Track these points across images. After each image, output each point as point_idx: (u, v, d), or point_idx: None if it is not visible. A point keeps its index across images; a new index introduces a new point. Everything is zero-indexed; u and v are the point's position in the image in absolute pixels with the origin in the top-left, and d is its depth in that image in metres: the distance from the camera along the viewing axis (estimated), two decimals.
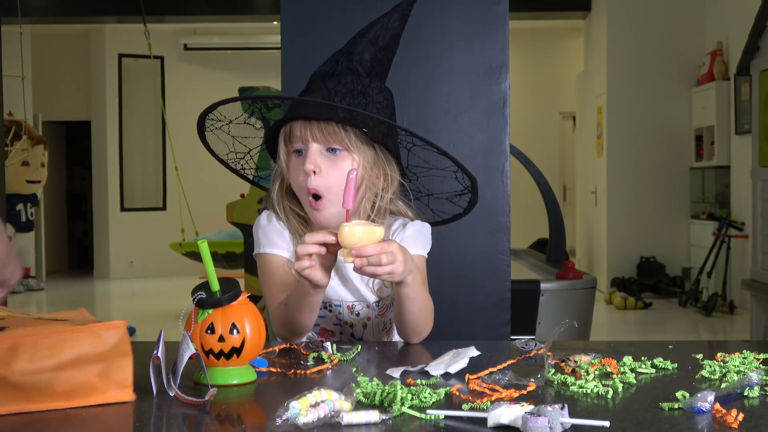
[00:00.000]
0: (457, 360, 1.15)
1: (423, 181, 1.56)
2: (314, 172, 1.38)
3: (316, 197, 1.40)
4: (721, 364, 1.17)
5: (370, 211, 1.46)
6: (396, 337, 1.52)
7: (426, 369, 1.14)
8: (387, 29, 1.44)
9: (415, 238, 1.48)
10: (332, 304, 1.48)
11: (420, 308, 1.38)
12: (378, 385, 0.99)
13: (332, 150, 1.40)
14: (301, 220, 1.47)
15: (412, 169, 1.54)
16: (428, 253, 1.52)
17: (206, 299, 1.11)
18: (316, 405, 0.90)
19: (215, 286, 1.12)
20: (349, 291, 1.48)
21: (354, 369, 1.19)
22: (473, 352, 1.17)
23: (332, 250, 1.25)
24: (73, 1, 8.48)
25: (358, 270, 1.22)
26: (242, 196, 6.44)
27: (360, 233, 1.20)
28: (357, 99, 1.40)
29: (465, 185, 1.50)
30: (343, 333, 1.49)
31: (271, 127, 1.47)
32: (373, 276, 1.27)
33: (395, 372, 1.14)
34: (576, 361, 1.17)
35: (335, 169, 1.39)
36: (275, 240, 1.46)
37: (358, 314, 1.48)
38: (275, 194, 1.48)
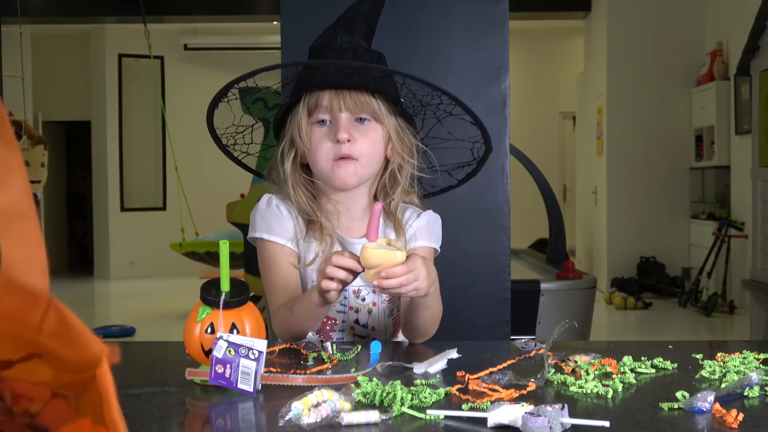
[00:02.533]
0: (438, 361, 1.16)
1: (426, 154, 1.56)
2: (348, 140, 1.39)
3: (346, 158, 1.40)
4: (721, 364, 1.17)
5: (400, 178, 1.47)
6: (400, 335, 1.53)
7: (408, 366, 1.16)
8: (375, 4, 1.45)
9: (428, 230, 1.51)
10: None
11: (432, 315, 1.40)
12: (378, 385, 0.99)
13: (361, 120, 1.41)
14: (310, 197, 1.47)
15: (427, 141, 1.55)
16: None
17: (214, 299, 1.11)
18: (317, 405, 0.90)
19: (226, 287, 1.12)
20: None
21: (353, 369, 1.19)
22: (453, 354, 1.18)
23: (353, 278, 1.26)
24: (73, 1, 8.48)
25: (385, 291, 1.24)
26: (242, 196, 6.44)
27: (382, 256, 1.20)
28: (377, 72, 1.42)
29: (476, 156, 1.53)
30: (346, 320, 1.48)
31: (293, 93, 1.44)
32: (399, 295, 1.28)
33: (379, 366, 1.16)
34: (576, 361, 1.17)
35: (365, 137, 1.41)
36: (273, 226, 1.46)
37: (363, 299, 1.47)
38: (288, 166, 1.45)
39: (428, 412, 0.93)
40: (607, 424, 0.87)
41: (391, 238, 1.44)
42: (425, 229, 1.50)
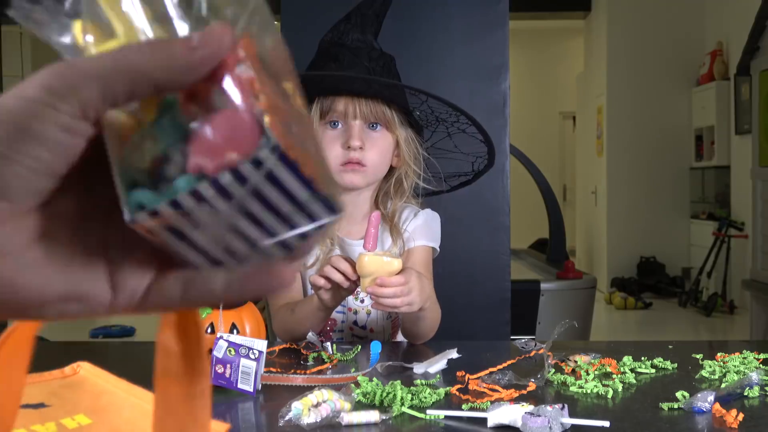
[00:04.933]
0: (438, 361, 1.16)
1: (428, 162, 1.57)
2: (360, 148, 1.39)
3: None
4: (721, 364, 1.17)
5: (406, 186, 1.48)
6: (399, 335, 1.53)
7: (408, 366, 1.17)
8: (384, 4, 1.46)
9: (426, 229, 1.51)
10: None
11: (430, 324, 1.40)
12: (378, 385, 0.99)
13: (372, 126, 1.41)
14: None
15: (431, 151, 1.56)
16: None
17: None
18: (317, 405, 0.90)
19: None
20: None
21: (353, 369, 1.19)
22: (453, 354, 1.18)
23: (350, 286, 1.26)
24: None
25: (378, 305, 1.24)
26: None
27: (378, 263, 1.20)
28: (394, 77, 1.43)
29: (476, 169, 1.54)
30: (345, 321, 1.49)
31: (306, 93, 1.44)
32: (392, 309, 1.28)
33: (379, 366, 1.16)
34: (576, 361, 1.17)
35: (375, 146, 1.42)
36: None
37: (362, 301, 1.48)
38: None
39: (428, 412, 0.93)
40: (607, 424, 0.87)
41: (388, 243, 1.45)
42: (423, 229, 1.50)
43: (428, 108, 1.49)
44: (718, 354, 1.23)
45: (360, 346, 1.33)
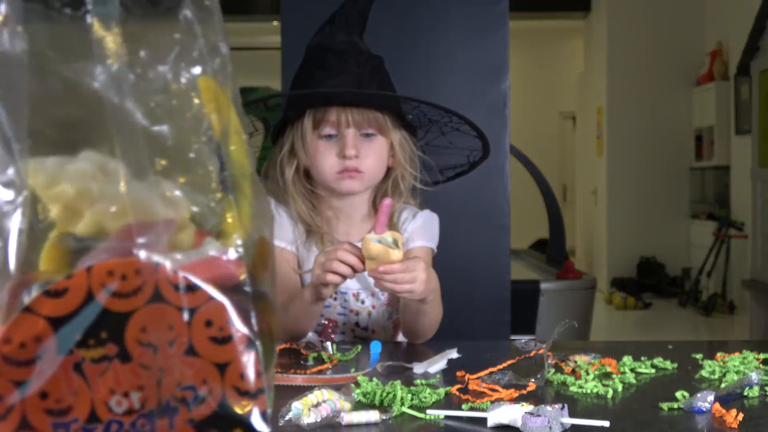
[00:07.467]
0: (438, 361, 1.16)
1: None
2: (356, 156, 1.40)
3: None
4: (721, 364, 1.17)
5: (403, 187, 1.49)
6: (400, 336, 1.53)
7: (408, 366, 1.17)
8: (368, 0, 1.46)
9: (424, 230, 1.51)
10: (338, 291, 1.48)
11: (431, 321, 1.41)
12: (378, 385, 1.00)
13: (367, 135, 1.42)
14: (311, 206, 1.48)
15: (426, 149, 1.56)
16: None
17: None
18: (317, 405, 0.90)
19: None
20: (356, 278, 1.48)
21: (353, 369, 1.19)
22: (453, 354, 1.18)
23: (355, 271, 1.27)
24: None
25: (379, 284, 1.24)
26: None
27: (379, 250, 1.22)
28: (383, 78, 1.43)
29: (472, 160, 1.56)
30: (347, 322, 1.49)
31: (298, 106, 1.44)
32: (392, 291, 1.28)
33: (379, 366, 1.16)
34: (576, 361, 1.17)
35: (369, 152, 1.42)
36: (274, 230, 1.46)
37: (363, 302, 1.49)
38: (289, 177, 1.46)
39: (428, 412, 0.93)
40: (607, 424, 0.87)
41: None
42: (421, 230, 1.51)
43: (420, 112, 1.49)
44: (718, 354, 1.23)
45: (360, 347, 1.33)
